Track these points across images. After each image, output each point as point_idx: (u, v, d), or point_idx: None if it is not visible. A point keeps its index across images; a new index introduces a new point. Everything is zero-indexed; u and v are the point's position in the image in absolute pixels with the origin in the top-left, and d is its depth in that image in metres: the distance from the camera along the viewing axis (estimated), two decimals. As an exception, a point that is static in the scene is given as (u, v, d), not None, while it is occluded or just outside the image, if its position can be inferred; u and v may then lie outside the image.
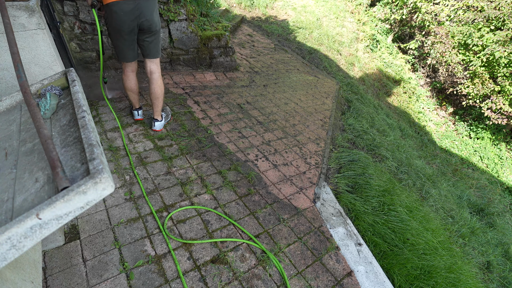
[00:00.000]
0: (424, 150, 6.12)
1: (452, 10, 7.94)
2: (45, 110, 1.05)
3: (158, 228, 1.64)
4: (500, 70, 6.99)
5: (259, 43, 5.91)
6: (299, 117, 3.35)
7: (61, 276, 1.33)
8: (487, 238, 3.51)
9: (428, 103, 8.96)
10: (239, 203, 1.94)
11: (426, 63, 9.06)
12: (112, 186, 0.69)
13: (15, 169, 0.81)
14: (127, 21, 1.91)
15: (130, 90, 2.34)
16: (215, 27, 4.04)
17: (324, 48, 7.07)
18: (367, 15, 9.92)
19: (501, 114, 7.32)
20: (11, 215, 0.66)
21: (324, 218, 1.99)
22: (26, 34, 1.47)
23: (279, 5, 8.59)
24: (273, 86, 4.08)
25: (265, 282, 1.49)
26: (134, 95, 2.39)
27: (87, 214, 1.64)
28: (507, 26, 6.84)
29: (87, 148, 0.76)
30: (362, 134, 3.55)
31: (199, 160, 2.25)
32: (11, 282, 0.87)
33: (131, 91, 2.35)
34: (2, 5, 1.28)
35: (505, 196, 5.91)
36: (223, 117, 2.93)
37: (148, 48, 2.16)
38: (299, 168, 2.44)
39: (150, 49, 2.17)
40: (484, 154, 7.73)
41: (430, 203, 3.18)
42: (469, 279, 2.03)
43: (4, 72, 1.49)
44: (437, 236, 2.29)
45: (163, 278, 1.40)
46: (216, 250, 1.59)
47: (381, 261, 1.86)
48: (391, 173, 3.11)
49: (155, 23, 2.04)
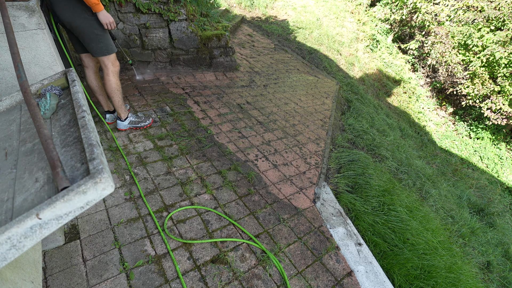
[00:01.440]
0: (424, 150, 6.12)
1: (452, 10, 7.94)
2: (45, 110, 1.05)
3: (158, 228, 1.64)
4: (500, 70, 6.99)
5: (259, 43, 5.91)
6: (299, 117, 3.35)
7: (61, 276, 1.32)
8: (487, 238, 3.51)
9: (428, 103, 8.96)
10: (239, 203, 1.94)
11: (426, 63, 9.06)
12: (112, 186, 0.69)
13: (15, 169, 0.81)
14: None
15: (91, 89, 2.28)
16: (215, 27, 4.04)
17: (324, 48, 7.07)
18: (367, 15, 9.92)
19: (501, 114, 7.33)
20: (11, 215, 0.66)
21: (324, 218, 1.99)
22: (26, 34, 1.47)
23: (279, 5, 8.59)
24: (273, 86, 4.08)
25: (265, 282, 1.49)
26: (97, 96, 2.31)
27: (87, 214, 1.64)
28: (507, 26, 6.84)
29: (87, 148, 0.76)
30: (362, 134, 3.55)
31: (199, 160, 2.25)
32: (11, 282, 0.87)
33: (92, 91, 2.29)
34: (2, 5, 1.28)
35: (505, 196, 5.91)
36: (223, 117, 2.93)
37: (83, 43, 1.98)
38: (299, 168, 2.44)
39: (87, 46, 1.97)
40: (484, 154, 7.73)
41: (430, 203, 3.18)
42: (469, 279, 2.03)
43: (4, 72, 1.49)
44: (437, 236, 2.29)
45: (163, 278, 1.40)
46: (216, 250, 1.59)
47: (381, 261, 1.86)
48: (391, 173, 3.11)
49: (67, 20, 1.80)
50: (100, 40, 1.95)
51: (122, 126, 2.36)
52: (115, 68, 2.12)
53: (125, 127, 2.37)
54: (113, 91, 2.17)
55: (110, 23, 1.90)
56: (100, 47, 1.97)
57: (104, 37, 1.97)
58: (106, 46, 2.00)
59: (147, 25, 3.28)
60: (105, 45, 1.99)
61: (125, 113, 2.34)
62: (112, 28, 1.94)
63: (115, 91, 2.18)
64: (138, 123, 2.42)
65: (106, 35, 1.98)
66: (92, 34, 1.90)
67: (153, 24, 3.32)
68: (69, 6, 1.78)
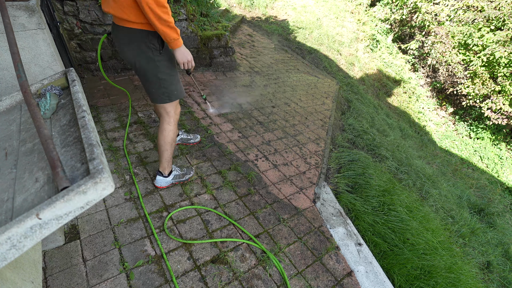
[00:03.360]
0: (424, 150, 6.12)
1: (452, 10, 7.94)
2: (45, 110, 1.05)
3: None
4: (500, 70, 6.99)
5: (259, 43, 5.91)
6: (299, 117, 3.35)
7: (61, 276, 1.32)
8: (487, 238, 3.50)
9: (428, 103, 8.96)
10: (239, 203, 1.94)
11: (426, 63, 9.06)
12: (112, 186, 0.69)
13: (15, 169, 0.81)
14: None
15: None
16: (215, 27, 4.04)
17: (324, 48, 7.07)
18: (367, 15, 9.92)
19: (501, 114, 7.33)
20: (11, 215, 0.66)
21: (324, 218, 1.99)
22: (26, 34, 1.47)
23: (279, 5, 8.59)
24: (273, 86, 4.08)
25: (265, 282, 1.49)
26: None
27: (87, 214, 1.64)
28: (507, 26, 6.84)
29: (87, 148, 0.76)
30: (362, 134, 3.55)
31: (199, 160, 2.25)
32: (11, 282, 0.87)
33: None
34: (2, 5, 1.27)
35: (505, 196, 5.91)
36: (223, 117, 2.93)
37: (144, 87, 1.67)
38: (299, 168, 2.44)
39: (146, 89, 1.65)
40: (484, 154, 7.72)
41: (430, 203, 3.18)
42: (469, 279, 2.03)
43: (4, 72, 1.49)
44: (437, 236, 2.29)
45: (163, 278, 1.40)
46: (216, 250, 1.59)
47: (381, 261, 1.86)
48: (391, 173, 3.11)
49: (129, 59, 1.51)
50: (163, 85, 1.57)
51: (164, 183, 1.90)
52: (176, 117, 1.73)
53: (168, 183, 1.92)
54: (167, 144, 1.74)
55: (188, 61, 1.50)
56: (162, 92, 1.59)
57: (169, 82, 1.58)
58: (168, 92, 1.60)
59: (147, 25, 3.28)
60: (168, 92, 1.60)
61: (170, 167, 1.90)
62: (189, 68, 1.54)
63: (170, 144, 1.76)
64: (183, 176, 1.99)
65: (173, 78, 1.59)
66: (154, 77, 1.53)
67: (153, 24, 3.32)
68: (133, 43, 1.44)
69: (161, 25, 1.29)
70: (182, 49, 1.45)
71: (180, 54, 1.46)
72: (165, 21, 1.29)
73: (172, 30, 1.34)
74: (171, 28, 1.33)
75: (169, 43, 1.39)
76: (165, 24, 1.30)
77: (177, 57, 1.47)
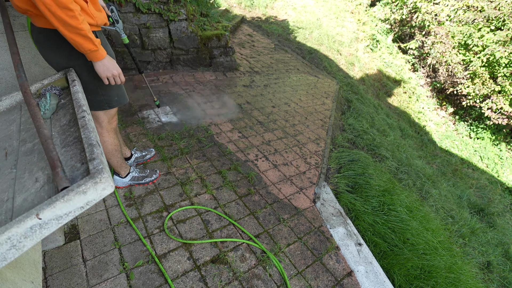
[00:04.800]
0: (424, 150, 6.12)
1: (452, 10, 7.94)
2: (45, 110, 1.05)
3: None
4: (500, 70, 7.00)
5: (259, 43, 5.91)
6: (299, 117, 3.35)
7: (61, 276, 1.32)
8: (487, 238, 3.50)
9: (428, 103, 8.96)
10: (239, 203, 1.94)
11: (426, 63, 9.06)
12: (112, 186, 0.69)
13: (15, 169, 0.81)
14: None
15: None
16: (215, 27, 4.04)
17: (324, 48, 7.07)
18: (367, 15, 9.92)
19: (502, 114, 7.33)
20: (11, 215, 0.66)
21: (324, 218, 1.99)
22: (26, 34, 1.47)
23: (279, 5, 8.59)
24: (273, 86, 4.08)
25: (265, 282, 1.49)
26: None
27: (87, 214, 1.64)
28: (507, 26, 6.84)
29: (87, 148, 0.76)
30: (362, 134, 3.55)
31: (199, 160, 2.25)
32: (11, 282, 0.87)
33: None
34: (2, 5, 1.28)
35: (505, 196, 5.91)
36: (223, 117, 2.93)
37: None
38: (299, 168, 2.44)
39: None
40: (484, 154, 7.72)
41: (430, 203, 3.18)
42: (469, 279, 2.03)
43: (4, 72, 1.49)
44: (437, 236, 2.29)
45: (163, 278, 1.40)
46: (216, 250, 1.59)
47: (381, 261, 1.86)
48: (391, 173, 3.11)
49: (50, 62, 1.26)
50: (100, 92, 1.38)
51: (121, 183, 1.85)
52: (111, 126, 1.57)
53: (125, 184, 1.87)
54: (108, 153, 1.64)
55: (114, 75, 1.27)
56: (99, 100, 1.40)
57: (108, 88, 1.39)
58: (108, 99, 1.42)
59: (147, 25, 3.28)
60: (107, 98, 1.42)
61: (126, 169, 1.83)
62: (117, 83, 1.31)
63: (111, 154, 1.65)
64: (143, 178, 1.91)
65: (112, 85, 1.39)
66: (91, 84, 1.32)
67: (153, 24, 3.32)
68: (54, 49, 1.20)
69: (69, 33, 1.02)
70: (104, 61, 1.20)
71: (102, 67, 1.21)
72: (74, 28, 1.01)
73: (85, 40, 1.06)
74: (84, 37, 1.05)
75: (85, 54, 1.14)
76: (74, 32, 1.02)
77: (98, 71, 1.22)
